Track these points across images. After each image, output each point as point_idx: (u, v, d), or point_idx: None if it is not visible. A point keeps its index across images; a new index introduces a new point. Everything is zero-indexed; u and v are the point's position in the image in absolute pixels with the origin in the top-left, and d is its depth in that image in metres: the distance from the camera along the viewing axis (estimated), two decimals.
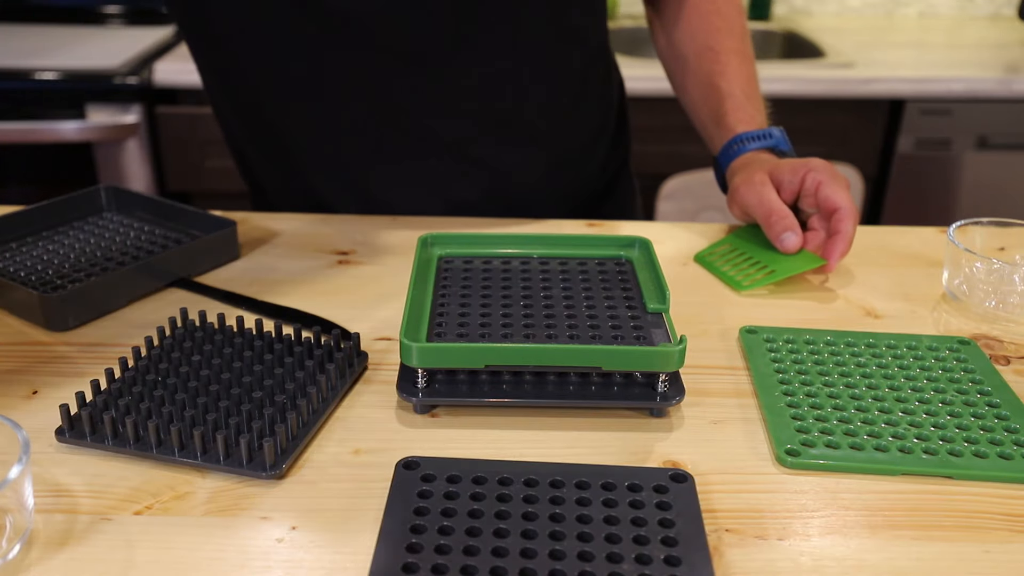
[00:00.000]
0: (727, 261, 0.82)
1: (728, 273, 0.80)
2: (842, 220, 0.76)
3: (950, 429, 0.58)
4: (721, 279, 0.79)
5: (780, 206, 0.79)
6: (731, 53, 0.91)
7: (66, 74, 1.71)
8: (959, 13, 2.28)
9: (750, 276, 0.78)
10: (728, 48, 0.91)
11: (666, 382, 0.59)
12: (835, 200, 0.77)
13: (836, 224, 0.76)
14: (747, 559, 0.48)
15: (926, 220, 0.77)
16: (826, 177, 0.78)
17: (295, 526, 0.50)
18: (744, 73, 0.90)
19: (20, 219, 0.81)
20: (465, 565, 0.45)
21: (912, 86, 1.76)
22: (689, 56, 0.93)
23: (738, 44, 0.92)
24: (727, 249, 0.83)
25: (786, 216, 0.78)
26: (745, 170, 0.83)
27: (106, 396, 0.57)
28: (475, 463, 0.52)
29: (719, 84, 0.89)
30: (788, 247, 0.77)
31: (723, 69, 0.90)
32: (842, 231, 0.76)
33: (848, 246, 0.76)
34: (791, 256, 0.78)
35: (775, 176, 0.81)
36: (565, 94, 0.92)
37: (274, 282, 0.77)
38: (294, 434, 0.55)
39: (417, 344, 0.57)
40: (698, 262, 0.83)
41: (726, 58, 0.90)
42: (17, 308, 0.70)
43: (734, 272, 0.79)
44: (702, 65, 0.92)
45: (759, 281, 0.77)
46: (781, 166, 0.81)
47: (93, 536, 0.49)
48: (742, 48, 0.92)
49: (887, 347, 0.67)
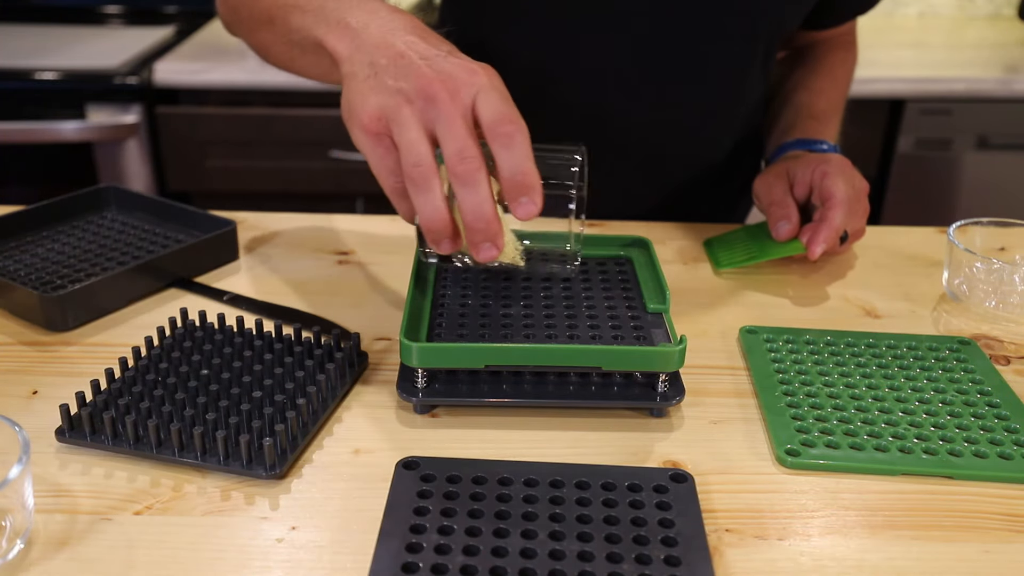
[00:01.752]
0: (723, 244, 0.84)
1: (717, 253, 0.82)
2: (830, 208, 0.76)
3: (950, 429, 0.58)
4: (710, 258, 0.82)
5: (782, 197, 0.79)
6: (828, 96, 0.96)
7: (66, 74, 1.71)
8: (959, 13, 2.28)
9: (732, 258, 0.80)
10: (819, 111, 0.94)
11: (666, 382, 0.59)
12: (830, 189, 0.76)
13: (823, 212, 0.76)
14: (747, 559, 0.48)
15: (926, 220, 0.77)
16: (833, 169, 0.78)
17: (295, 526, 0.50)
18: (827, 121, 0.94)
19: (20, 219, 0.81)
20: (465, 565, 0.45)
21: (912, 86, 1.76)
22: (783, 102, 0.98)
23: (833, 106, 0.96)
24: (731, 237, 0.85)
25: (785, 206, 0.78)
26: (775, 162, 0.85)
27: (106, 396, 0.57)
28: (475, 463, 0.52)
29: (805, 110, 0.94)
30: (780, 234, 0.77)
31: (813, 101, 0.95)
32: (827, 219, 0.75)
33: (832, 235, 0.75)
34: (777, 244, 0.78)
35: (792, 170, 0.81)
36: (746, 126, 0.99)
37: (274, 282, 0.77)
38: (294, 434, 0.55)
39: (417, 344, 0.57)
40: (704, 245, 0.85)
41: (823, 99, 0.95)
42: (17, 308, 0.70)
43: (723, 254, 0.82)
44: (788, 115, 0.95)
45: (738, 262, 0.79)
46: (800, 160, 0.82)
47: (93, 536, 0.49)
48: (839, 100, 0.98)
49: (887, 347, 0.67)
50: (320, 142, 1.75)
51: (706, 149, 0.97)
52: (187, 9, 2.11)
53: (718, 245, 0.84)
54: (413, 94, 0.53)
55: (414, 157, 0.52)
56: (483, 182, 0.51)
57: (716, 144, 0.97)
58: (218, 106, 1.75)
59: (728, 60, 0.89)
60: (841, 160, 0.80)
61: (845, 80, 1.01)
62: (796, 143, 0.88)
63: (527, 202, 0.52)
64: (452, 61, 0.54)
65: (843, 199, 0.76)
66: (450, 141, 0.52)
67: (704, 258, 0.83)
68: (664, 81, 0.89)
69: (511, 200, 0.52)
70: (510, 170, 0.52)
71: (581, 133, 0.91)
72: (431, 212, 0.52)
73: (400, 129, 0.53)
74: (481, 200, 0.51)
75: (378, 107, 0.54)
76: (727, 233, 0.87)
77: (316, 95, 1.74)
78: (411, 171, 0.52)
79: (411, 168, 0.52)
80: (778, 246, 0.78)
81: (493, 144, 0.52)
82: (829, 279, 0.80)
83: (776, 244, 0.78)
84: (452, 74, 0.53)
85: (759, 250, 0.80)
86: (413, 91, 0.53)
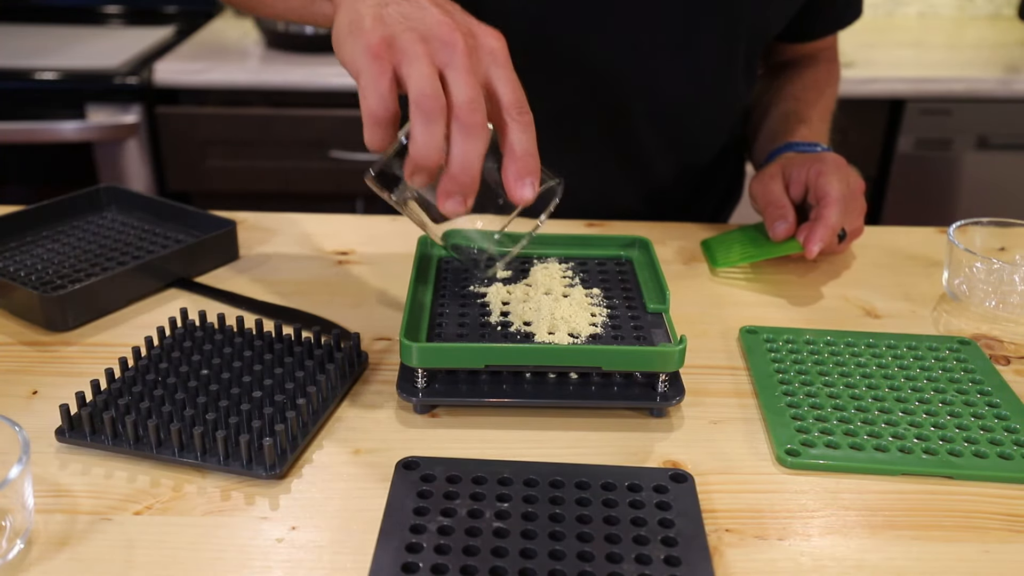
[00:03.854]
0: (720, 244, 0.84)
1: (714, 253, 0.82)
2: (825, 207, 0.75)
3: (950, 429, 0.58)
4: (707, 258, 0.82)
5: (778, 197, 0.79)
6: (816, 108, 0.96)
7: (66, 74, 1.71)
8: (959, 13, 2.27)
9: (729, 257, 0.80)
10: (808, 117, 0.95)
11: (666, 382, 0.59)
12: (825, 188, 0.76)
13: (819, 211, 0.76)
14: (747, 559, 0.48)
15: (926, 220, 0.77)
16: (828, 168, 0.78)
17: (295, 526, 0.50)
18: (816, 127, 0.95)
19: (20, 219, 0.81)
20: (465, 565, 0.45)
21: (912, 86, 1.76)
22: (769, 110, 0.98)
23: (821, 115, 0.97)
24: (728, 237, 0.85)
25: (782, 206, 0.78)
26: (769, 164, 0.85)
27: (106, 396, 0.57)
28: (475, 463, 0.52)
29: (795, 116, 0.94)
30: (777, 234, 0.77)
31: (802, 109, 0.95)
32: (822, 218, 0.75)
33: (829, 233, 0.74)
34: (775, 244, 0.78)
35: (787, 171, 0.81)
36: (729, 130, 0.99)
37: (274, 282, 0.77)
38: (294, 434, 0.55)
39: (417, 344, 0.57)
40: (701, 245, 0.85)
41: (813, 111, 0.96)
42: (17, 308, 0.70)
43: (720, 253, 0.82)
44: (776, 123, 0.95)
45: (733, 261, 0.79)
46: (794, 160, 0.82)
47: (93, 536, 0.49)
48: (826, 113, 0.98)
49: (887, 347, 0.67)
50: (320, 142, 1.75)
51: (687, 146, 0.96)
52: (187, 9, 2.11)
53: (715, 245, 0.84)
54: (428, 34, 0.52)
55: (429, 88, 0.51)
56: (484, 138, 0.52)
57: (697, 139, 0.97)
58: (218, 106, 1.75)
59: (711, 56, 0.89)
60: (836, 159, 0.81)
61: (831, 92, 1.01)
62: (787, 147, 0.88)
63: (530, 183, 0.53)
64: (469, 17, 0.55)
65: (838, 197, 0.76)
66: (464, 88, 0.51)
67: (704, 258, 0.83)
68: (654, 59, 0.88)
69: (516, 180, 0.53)
70: (523, 151, 0.53)
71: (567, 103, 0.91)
72: (431, 144, 0.51)
73: (411, 60, 0.52)
74: (477, 154, 0.51)
75: (388, 35, 0.53)
76: (724, 234, 0.87)
77: (316, 95, 1.74)
78: (423, 101, 0.51)
79: (424, 98, 0.51)
80: (775, 245, 0.78)
81: (510, 123, 0.53)
82: (829, 279, 0.80)
83: (773, 243, 0.78)
84: (472, 30, 0.54)
85: (756, 250, 0.80)
86: (428, 31, 0.52)
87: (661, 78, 0.90)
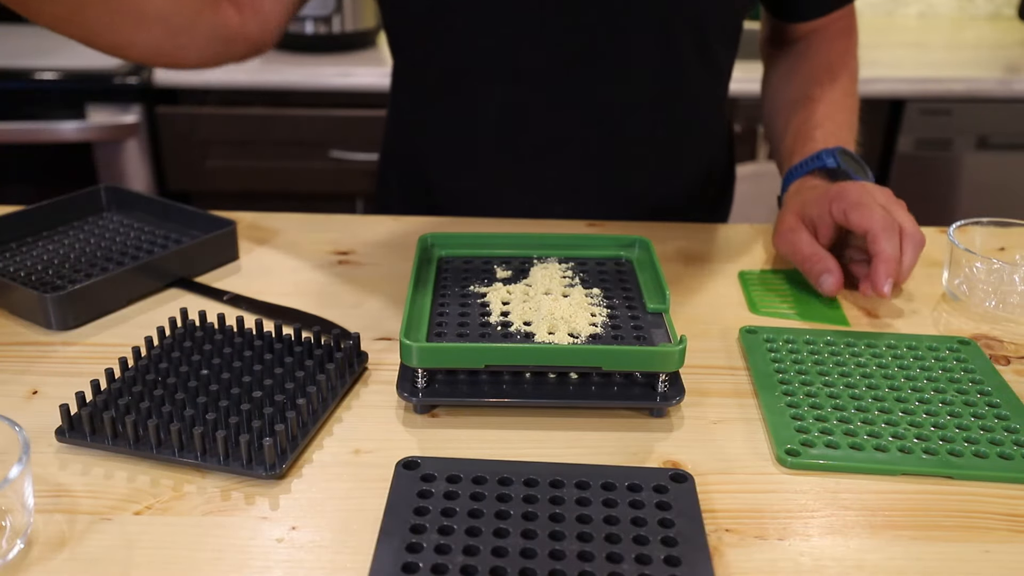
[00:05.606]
0: (762, 283, 0.78)
1: (751, 293, 0.77)
2: (874, 241, 0.70)
3: (950, 429, 0.58)
4: (744, 293, 0.77)
5: (812, 250, 0.74)
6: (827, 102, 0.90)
7: (66, 74, 1.71)
8: (959, 13, 2.28)
9: (769, 305, 0.75)
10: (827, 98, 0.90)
11: (666, 382, 0.59)
12: (863, 223, 0.71)
13: (870, 247, 0.71)
14: (747, 559, 0.48)
15: (926, 220, 0.77)
16: (850, 202, 0.73)
17: (295, 526, 0.50)
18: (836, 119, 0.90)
19: (20, 219, 0.81)
20: (465, 565, 0.45)
21: (912, 86, 1.76)
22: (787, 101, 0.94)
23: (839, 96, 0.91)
24: (771, 277, 0.80)
25: (821, 259, 0.74)
26: (783, 209, 0.81)
27: (106, 396, 0.57)
28: (475, 463, 0.52)
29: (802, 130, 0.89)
30: (826, 290, 0.73)
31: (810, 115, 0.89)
32: (879, 253, 0.70)
33: (892, 266, 0.70)
34: (822, 305, 0.74)
35: (805, 216, 0.77)
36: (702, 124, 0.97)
37: (274, 282, 0.77)
38: (294, 434, 0.55)
39: (417, 344, 0.57)
40: (739, 277, 0.80)
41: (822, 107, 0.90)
42: (17, 308, 0.70)
43: (758, 294, 0.76)
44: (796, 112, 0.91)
45: (774, 312, 0.74)
46: (807, 203, 0.77)
47: (93, 536, 0.49)
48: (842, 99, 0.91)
49: (887, 347, 0.67)
50: (320, 142, 1.76)
51: (650, 147, 0.94)
52: None
53: (757, 282, 0.78)
54: None
55: None
56: None
57: (660, 142, 0.94)
58: (218, 106, 1.76)
59: (648, 56, 0.87)
60: (846, 186, 0.75)
61: (847, 74, 0.93)
62: (799, 168, 0.83)
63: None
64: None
65: (881, 226, 0.71)
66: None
67: (704, 258, 0.83)
68: (584, 78, 0.87)
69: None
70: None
71: (507, 132, 0.91)
72: None
73: None
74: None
75: None
76: (767, 271, 0.81)
77: (316, 95, 1.74)
78: None
79: None
80: (821, 309, 0.74)
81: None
82: None
83: (819, 304, 0.74)
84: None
85: (800, 307, 0.74)
86: None
87: (597, 84, 0.88)
